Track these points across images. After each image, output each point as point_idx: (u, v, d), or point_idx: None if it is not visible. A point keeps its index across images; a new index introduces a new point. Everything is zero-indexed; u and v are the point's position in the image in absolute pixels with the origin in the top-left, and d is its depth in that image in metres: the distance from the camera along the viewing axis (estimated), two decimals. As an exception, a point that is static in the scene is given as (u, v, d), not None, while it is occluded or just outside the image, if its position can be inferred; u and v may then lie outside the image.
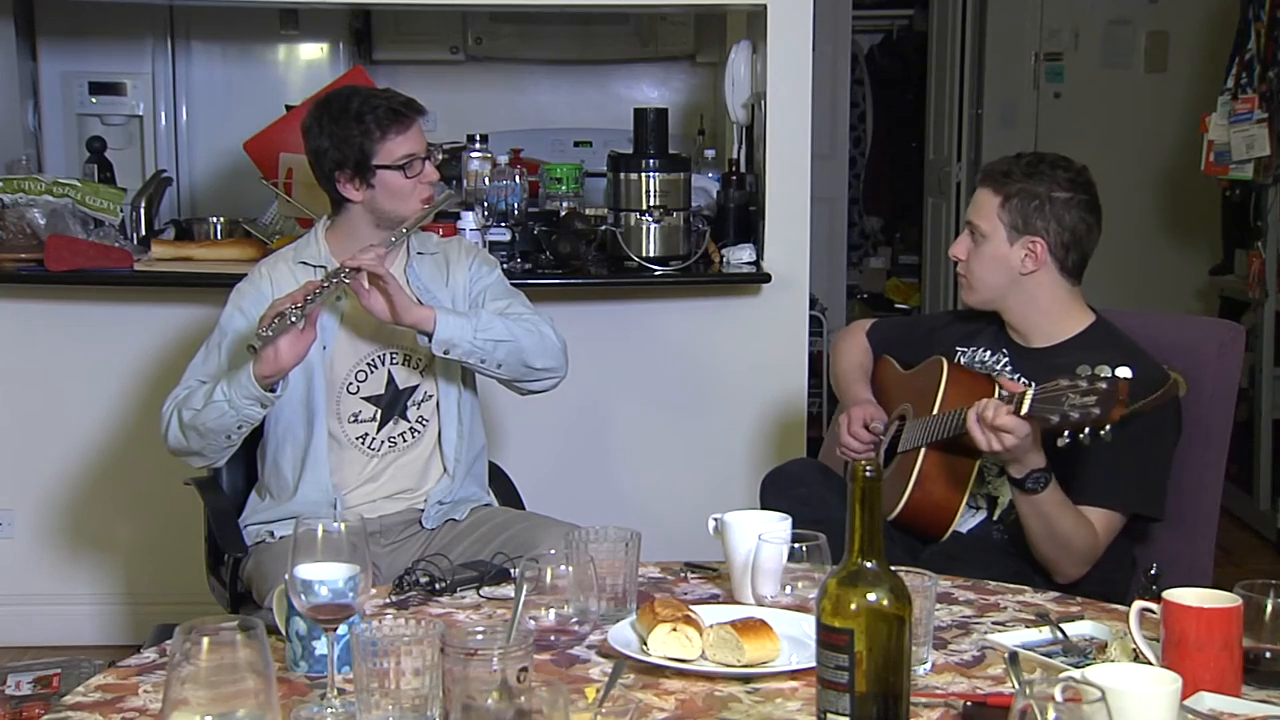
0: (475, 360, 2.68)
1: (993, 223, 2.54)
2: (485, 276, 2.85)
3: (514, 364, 2.72)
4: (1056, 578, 2.42)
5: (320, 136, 2.71)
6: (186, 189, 5.06)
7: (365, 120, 2.67)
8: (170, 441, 2.69)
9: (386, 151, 2.68)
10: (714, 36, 5.33)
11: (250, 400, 2.56)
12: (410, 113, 2.72)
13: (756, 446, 3.93)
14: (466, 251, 2.89)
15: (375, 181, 2.69)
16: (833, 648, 1.51)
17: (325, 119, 2.71)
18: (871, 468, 1.51)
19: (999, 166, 2.59)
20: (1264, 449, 4.93)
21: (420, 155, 2.71)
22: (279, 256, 2.85)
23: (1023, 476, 2.34)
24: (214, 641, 1.41)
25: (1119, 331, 2.58)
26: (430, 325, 2.61)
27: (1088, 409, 2.16)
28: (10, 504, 3.92)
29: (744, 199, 3.97)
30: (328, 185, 2.74)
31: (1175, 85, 6.27)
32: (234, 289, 2.80)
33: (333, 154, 2.69)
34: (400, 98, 2.75)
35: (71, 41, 4.94)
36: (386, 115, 2.68)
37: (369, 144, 2.67)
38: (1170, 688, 1.54)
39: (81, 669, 3.46)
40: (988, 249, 2.55)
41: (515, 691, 1.46)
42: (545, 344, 2.74)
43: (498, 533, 2.69)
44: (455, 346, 2.64)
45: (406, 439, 2.78)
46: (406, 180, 2.70)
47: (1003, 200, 2.53)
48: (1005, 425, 2.26)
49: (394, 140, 2.68)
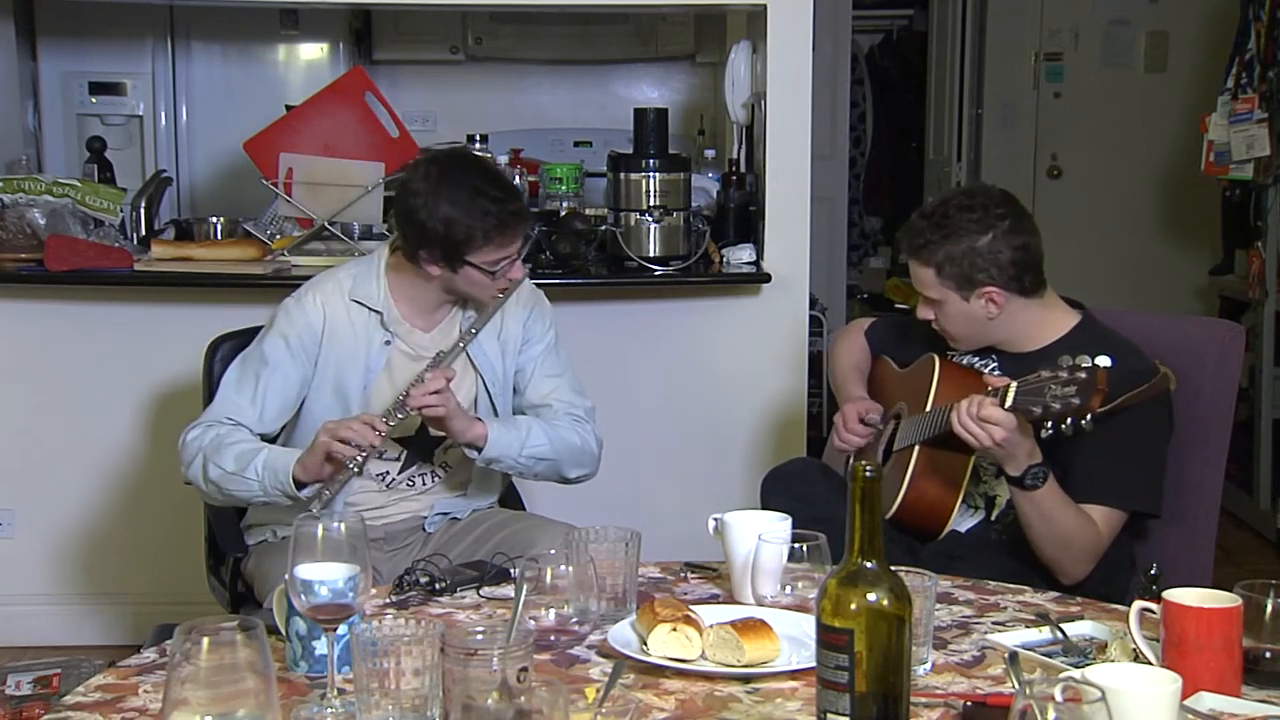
0: (515, 473, 2.73)
1: (940, 290, 2.53)
2: (538, 340, 2.77)
3: (549, 475, 2.76)
4: (1062, 578, 2.42)
5: (421, 208, 2.55)
6: (186, 189, 5.06)
7: (472, 224, 2.53)
8: (189, 478, 2.62)
9: (484, 255, 2.57)
10: (714, 36, 5.33)
11: (280, 494, 2.53)
12: (519, 224, 2.61)
13: (756, 446, 3.93)
14: (524, 302, 2.78)
15: (460, 271, 2.59)
16: (833, 648, 1.51)
17: (433, 194, 2.55)
18: (871, 468, 1.51)
19: (915, 238, 2.52)
20: (1264, 449, 4.93)
21: (511, 257, 2.62)
22: (336, 284, 2.70)
23: (1020, 474, 2.34)
24: (214, 641, 1.41)
25: (1106, 328, 2.58)
26: (482, 444, 2.61)
27: (1068, 399, 2.17)
28: (10, 504, 3.92)
29: (744, 199, 3.97)
30: (408, 247, 2.62)
31: (1175, 85, 6.27)
32: (281, 307, 2.69)
33: (429, 230, 2.55)
34: (513, 205, 2.60)
35: (71, 41, 4.94)
36: (495, 226, 2.55)
37: (468, 246, 2.55)
38: (1170, 688, 1.54)
39: (81, 669, 3.45)
40: (949, 309, 2.54)
41: (515, 691, 1.46)
42: (584, 456, 2.76)
43: (495, 532, 2.68)
44: (499, 463, 2.66)
45: (428, 481, 2.76)
46: (491, 280, 2.62)
47: (936, 271, 2.51)
48: (989, 417, 2.26)
49: (495, 248, 2.57)
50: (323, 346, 2.65)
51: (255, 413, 2.62)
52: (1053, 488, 2.36)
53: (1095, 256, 6.04)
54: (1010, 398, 2.26)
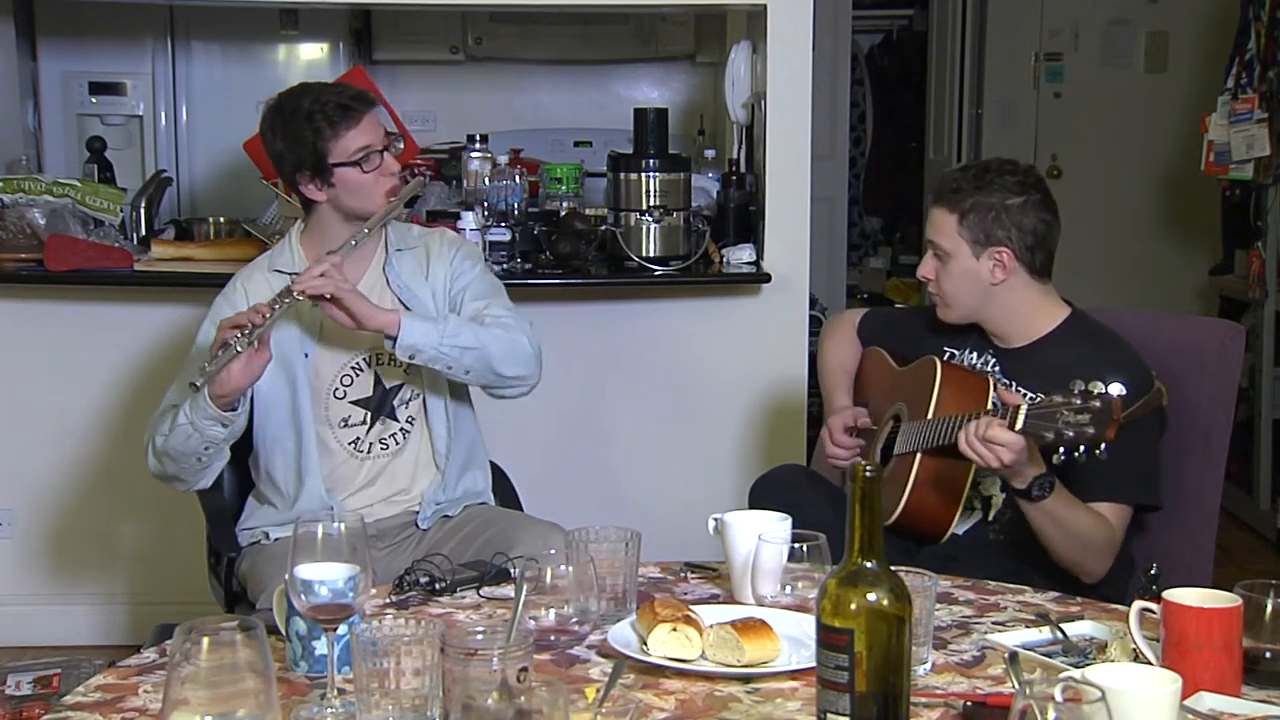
0: (442, 366, 2.62)
1: (954, 240, 2.54)
2: (466, 273, 2.79)
3: (482, 370, 2.65)
4: (1084, 578, 2.41)
5: (275, 140, 2.67)
6: (186, 189, 5.05)
7: (315, 119, 2.62)
8: (150, 468, 2.68)
9: (340, 149, 2.63)
10: (714, 36, 5.33)
11: (210, 421, 2.52)
12: (360, 105, 2.66)
13: (756, 446, 3.93)
14: (449, 245, 2.83)
15: (335, 180, 2.65)
16: (833, 648, 1.51)
17: (278, 121, 2.67)
18: (871, 468, 1.51)
19: (948, 184, 2.57)
20: (1264, 449, 4.93)
21: (377, 148, 2.66)
22: (254, 265, 2.82)
23: (1026, 486, 2.33)
24: (214, 641, 1.41)
25: (1096, 322, 2.59)
26: (394, 330, 2.56)
27: (1082, 427, 2.16)
28: (10, 504, 3.92)
29: (744, 199, 3.97)
30: (292, 187, 2.72)
31: (1175, 85, 6.27)
32: (212, 303, 2.76)
33: (289, 156, 2.65)
34: (350, 91, 2.69)
35: (71, 41, 4.93)
36: (335, 112, 2.63)
37: (321, 143, 2.62)
38: (1170, 688, 1.54)
39: (81, 669, 3.45)
40: (955, 266, 2.55)
41: (515, 691, 1.46)
42: (516, 351, 2.67)
43: (482, 531, 2.68)
44: (420, 352, 2.59)
45: (398, 440, 2.76)
46: (365, 175, 2.65)
47: (959, 218, 2.53)
48: (998, 439, 2.25)
49: (346, 136, 2.63)
50: None
51: None
52: (1059, 495, 2.35)
53: (1095, 256, 6.04)
54: (1021, 421, 2.24)
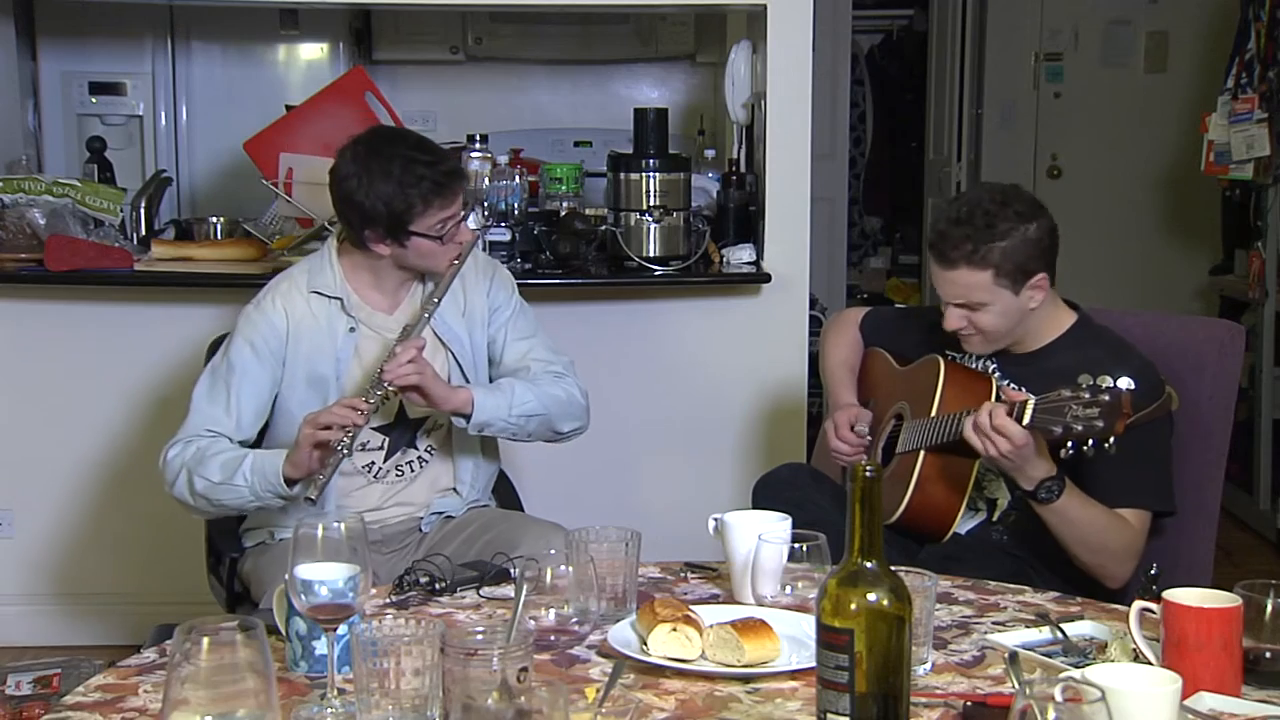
0: (508, 435, 2.71)
1: (993, 293, 2.45)
2: (504, 307, 2.79)
3: (542, 431, 2.75)
4: (1107, 583, 2.41)
5: (358, 186, 2.58)
6: (186, 189, 5.05)
7: (408, 191, 2.55)
8: (176, 495, 2.61)
9: (425, 221, 2.58)
10: (714, 36, 5.33)
11: (273, 495, 2.52)
12: (455, 183, 2.62)
13: (756, 446, 3.93)
14: (482, 273, 2.80)
15: (408, 244, 2.61)
16: (833, 648, 1.51)
17: (363, 174, 2.57)
18: (871, 468, 1.51)
19: (957, 246, 2.43)
20: (1264, 449, 4.93)
21: (456, 219, 2.62)
22: (291, 284, 2.71)
23: (1033, 488, 2.33)
24: (214, 641, 1.41)
25: (1102, 327, 2.58)
26: (469, 409, 2.61)
27: (1091, 421, 2.16)
28: (10, 504, 3.92)
29: (744, 199, 3.97)
30: (355, 235, 2.64)
31: (1175, 85, 6.28)
32: (243, 314, 2.69)
33: (368, 209, 2.57)
34: (446, 166, 2.62)
35: (71, 41, 4.94)
36: (432, 188, 2.57)
37: (409, 215, 2.56)
38: (1170, 688, 1.54)
39: (81, 669, 3.45)
40: (994, 310, 2.47)
41: (515, 691, 1.46)
42: (572, 408, 2.76)
43: (483, 533, 2.68)
44: (490, 426, 2.65)
45: (414, 468, 2.75)
46: (440, 245, 2.62)
47: (994, 272, 2.43)
48: (1004, 427, 2.25)
49: (435, 213, 2.58)
50: (288, 345, 2.66)
51: (232, 421, 2.61)
52: (1071, 496, 2.34)
53: (1095, 256, 6.04)
54: (1029, 414, 2.23)
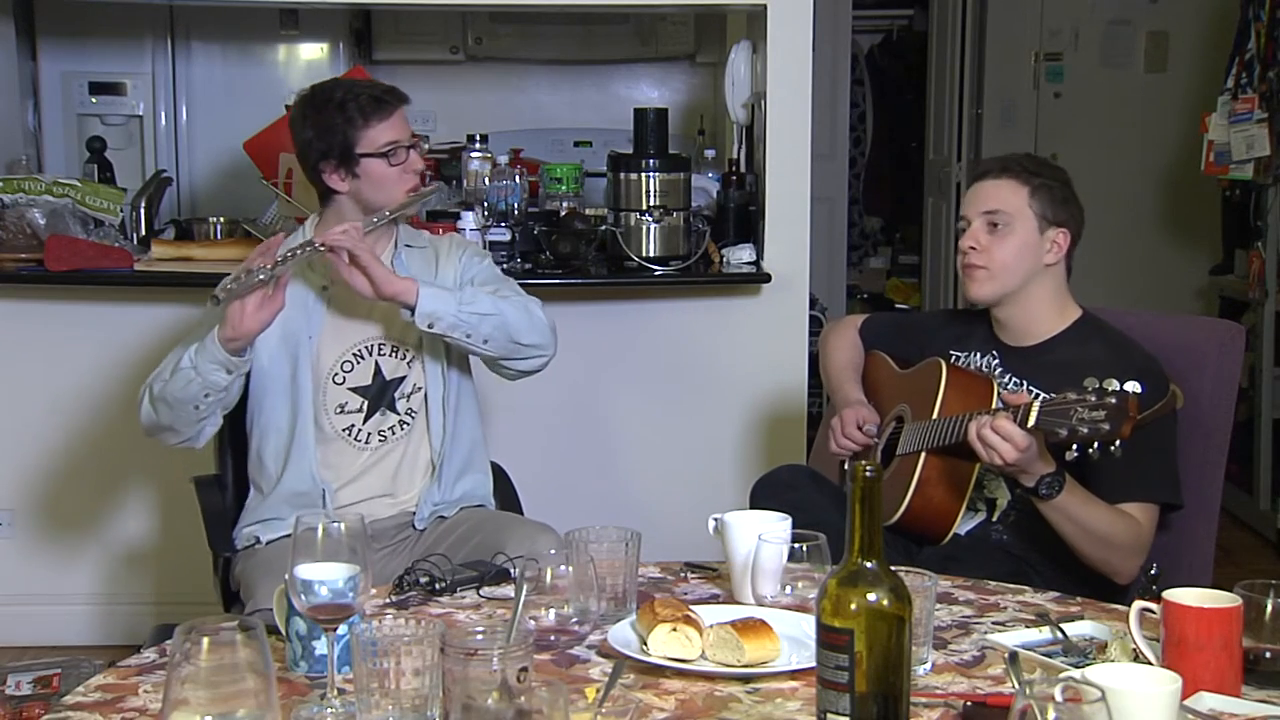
0: (461, 335, 2.63)
1: (1024, 211, 2.53)
2: (474, 265, 2.83)
3: (501, 339, 2.67)
4: (1115, 579, 2.41)
5: (305, 128, 2.71)
6: (186, 189, 5.06)
7: (348, 108, 2.66)
8: (142, 417, 2.68)
9: (369, 139, 2.67)
10: (714, 36, 5.34)
11: (215, 365, 2.55)
12: (392, 100, 2.72)
13: (756, 446, 3.93)
14: (457, 246, 2.89)
15: (360, 170, 2.68)
16: (833, 648, 1.51)
17: (309, 110, 2.71)
18: (872, 468, 1.51)
19: (1014, 162, 2.58)
20: (1264, 449, 4.93)
21: (404, 143, 2.71)
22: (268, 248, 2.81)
23: (1034, 485, 2.32)
24: (214, 641, 1.41)
25: (1106, 324, 2.58)
26: (413, 297, 2.59)
27: (1097, 424, 2.15)
28: (10, 504, 3.92)
29: (744, 199, 3.97)
30: (314, 177, 2.74)
31: (1175, 85, 6.28)
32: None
33: (317, 144, 2.68)
34: (382, 85, 2.75)
35: (71, 41, 4.94)
36: (369, 103, 2.67)
37: (352, 132, 2.66)
38: (1170, 688, 1.54)
39: (81, 669, 3.45)
40: (1015, 237, 2.52)
41: (515, 691, 1.46)
42: (532, 320, 2.71)
43: (474, 534, 2.68)
44: (439, 319, 2.60)
45: (395, 432, 2.76)
46: (391, 168, 2.69)
47: (1031, 191, 2.53)
48: (1006, 432, 2.25)
49: (376, 128, 2.67)
50: None
51: None
52: (1072, 492, 2.34)
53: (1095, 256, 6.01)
54: (1034, 417, 2.23)
